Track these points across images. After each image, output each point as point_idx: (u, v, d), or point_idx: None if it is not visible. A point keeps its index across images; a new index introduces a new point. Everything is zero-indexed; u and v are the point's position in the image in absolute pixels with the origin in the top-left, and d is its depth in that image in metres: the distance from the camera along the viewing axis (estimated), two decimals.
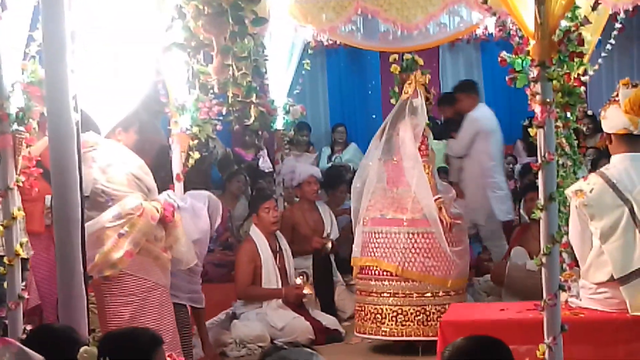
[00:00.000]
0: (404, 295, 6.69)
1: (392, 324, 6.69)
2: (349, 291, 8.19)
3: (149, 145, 7.23)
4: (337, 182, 9.07)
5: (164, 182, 6.03)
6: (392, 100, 7.16)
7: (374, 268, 6.79)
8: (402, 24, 7.45)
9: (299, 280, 7.46)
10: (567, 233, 5.17)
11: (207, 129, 6.14)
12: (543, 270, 3.96)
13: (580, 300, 5.01)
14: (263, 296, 7.34)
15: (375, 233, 6.80)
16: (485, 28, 7.59)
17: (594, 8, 4.04)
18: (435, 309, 6.61)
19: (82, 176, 4.32)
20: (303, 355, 2.81)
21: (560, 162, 5.75)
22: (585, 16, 4.36)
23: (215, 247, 8.40)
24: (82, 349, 3.47)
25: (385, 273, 6.74)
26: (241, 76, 4.75)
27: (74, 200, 4.24)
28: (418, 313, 6.66)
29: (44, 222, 6.02)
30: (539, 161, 3.95)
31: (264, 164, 9.66)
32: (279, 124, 8.47)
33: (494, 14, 4.35)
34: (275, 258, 7.40)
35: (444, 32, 7.75)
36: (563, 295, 4.88)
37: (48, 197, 5.55)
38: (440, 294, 6.71)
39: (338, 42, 8.68)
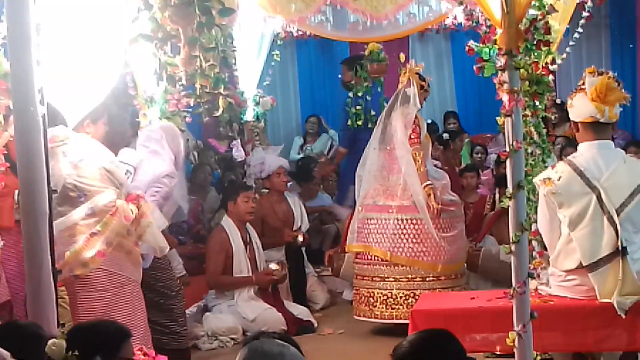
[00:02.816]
0: (394, 279, 6.90)
1: (382, 307, 6.88)
2: (320, 282, 8.21)
3: (119, 137, 7.19)
4: (308, 173, 9.09)
5: None
6: (357, 93, 7.18)
7: (367, 253, 6.99)
8: (372, 14, 7.47)
9: (274, 266, 7.46)
10: (536, 221, 5.20)
11: (176, 121, 6.10)
12: (512, 258, 3.98)
13: (550, 287, 5.04)
14: (234, 284, 7.33)
15: (367, 219, 7.01)
16: (455, 17, 7.65)
17: None
18: (425, 293, 6.67)
19: (49, 169, 4.28)
20: (275, 346, 2.82)
21: (529, 150, 5.78)
22: (551, 5, 4.37)
23: (187, 240, 8.37)
24: (50, 342, 3.46)
25: (376, 258, 6.94)
26: (209, 67, 4.74)
27: (42, 194, 4.20)
28: (407, 297, 6.83)
29: (14, 217, 5.96)
30: (507, 150, 3.97)
31: (238, 152, 9.63)
32: (249, 116, 8.43)
33: (461, 3, 4.36)
34: (246, 249, 7.38)
35: (413, 22, 7.78)
36: (533, 283, 4.92)
37: (17, 192, 5.49)
38: (430, 278, 6.86)
39: (308, 33, 8.67)
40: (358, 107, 9.66)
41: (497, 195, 8.24)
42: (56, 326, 4.15)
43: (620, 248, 4.74)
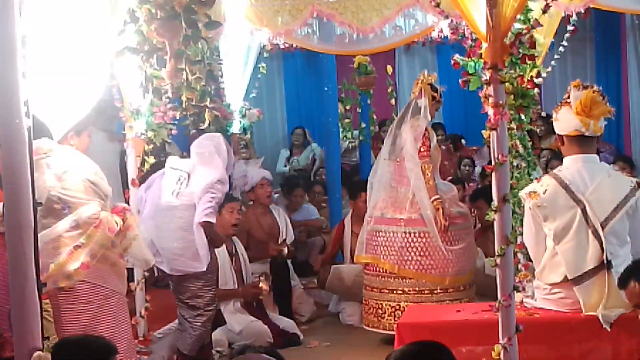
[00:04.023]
0: (402, 292, 6.90)
1: (391, 319, 6.85)
2: (306, 295, 8.19)
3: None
4: (293, 185, 9.10)
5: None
6: (346, 105, 7.18)
7: (376, 265, 7.00)
8: (358, 27, 7.48)
9: (263, 285, 7.43)
10: (522, 234, 5.22)
11: (162, 133, 6.10)
12: (497, 271, 3.99)
13: (535, 300, 5.05)
14: (220, 296, 7.30)
15: (376, 231, 7.01)
16: (441, 31, 7.63)
17: (544, 11, 4.08)
18: (411, 305, 6.65)
19: (34, 182, 4.26)
20: None
21: (515, 163, 5.81)
22: (536, 19, 4.39)
23: None
24: (35, 354, 3.44)
25: (385, 270, 6.94)
26: (195, 80, 4.73)
27: (26, 206, 4.17)
28: None
29: None
30: (493, 163, 3.98)
31: None
32: (235, 128, 8.43)
33: (447, 17, 4.37)
34: (232, 262, 7.36)
35: (399, 35, 7.79)
36: (518, 296, 4.93)
37: (2, 204, 5.47)
38: (438, 291, 6.85)
39: (294, 45, 8.68)
40: (347, 120, 9.71)
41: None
42: (41, 339, 4.13)
43: (605, 261, 4.76)
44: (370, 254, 7.04)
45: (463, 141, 11.05)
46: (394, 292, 6.92)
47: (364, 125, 9.74)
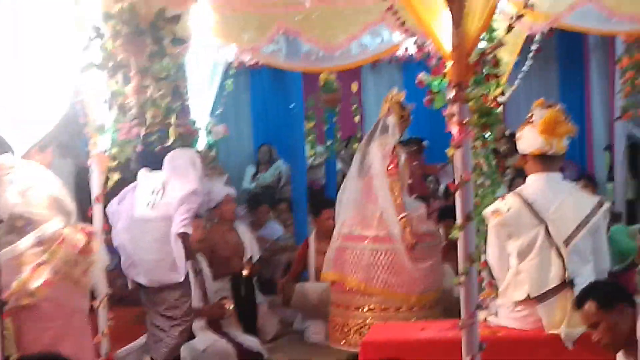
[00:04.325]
0: (368, 309, 6.89)
1: (357, 337, 6.81)
2: (271, 312, 8.15)
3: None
4: (257, 202, 9.09)
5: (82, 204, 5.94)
6: (308, 123, 7.17)
7: (342, 282, 6.99)
8: (324, 44, 7.48)
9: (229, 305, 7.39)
10: (485, 252, 5.24)
11: (127, 150, 6.06)
12: (461, 289, 4.00)
13: (499, 318, 5.07)
14: None
15: (344, 248, 7.02)
16: (407, 49, 7.67)
17: (508, 31, 4.10)
18: (376, 324, 6.63)
19: None
20: None
21: (479, 181, 5.84)
22: (499, 39, 4.43)
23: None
24: None
25: (351, 287, 6.94)
26: (160, 97, 4.72)
27: None
28: None
29: None
30: (457, 181, 3.99)
31: None
32: (201, 145, 8.40)
33: (412, 35, 4.39)
34: (195, 279, 7.30)
35: (365, 53, 7.79)
36: (482, 314, 4.95)
37: None
38: (404, 309, 6.84)
39: (261, 62, 8.68)
40: (310, 137, 9.72)
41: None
42: (1, 358, 4.09)
43: (567, 280, 4.80)
44: (337, 271, 7.04)
45: (425, 142, 10.96)
46: (360, 309, 6.92)
47: (329, 142, 9.77)
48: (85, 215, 6.03)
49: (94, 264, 5.38)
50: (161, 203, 6.09)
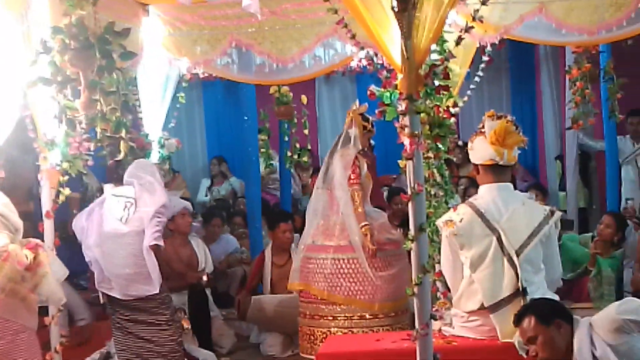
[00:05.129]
0: (332, 317, 6.90)
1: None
2: (227, 326, 8.11)
3: (20, 180, 7.02)
4: (211, 215, 9.07)
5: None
6: (262, 135, 7.15)
7: (308, 292, 7.02)
8: (277, 57, 7.48)
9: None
10: (439, 262, 5.26)
11: (77, 164, 5.99)
12: (415, 300, 4.00)
13: (453, 328, 5.09)
14: None
15: (308, 259, 7.03)
16: (360, 60, 7.69)
17: (457, 42, 4.12)
18: (363, 331, 6.72)
19: None
20: None
21: (432, 192, 5.87)
22: (450, 51, 4.45)
23: (90, 285, 8.18)
24: None
25: (316, 297, 6.96)
26: (110, 111, 4.68)
27: None
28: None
29: None
30: (409, 192, 3.99)
31: None
32: (154, 158, 8.33)
33: (363, 48, 4.40)
34: None
35: (319, 65, 7.81)
36: (436, 324, 4.96)
37: None
38: (368, 317, 6.85)
39: (214, 75, 8.65)
40: (262, 150, 9.70)
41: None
42: None
43: (520, 289, 4.83)
44: (303, 281, 7.07)
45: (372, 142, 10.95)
46: (325, 318, 6.93)
47: (290, 154, 9.78)
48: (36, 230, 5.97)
49: (42, 279, 5.29)
50: (134, 217, 6.10)
